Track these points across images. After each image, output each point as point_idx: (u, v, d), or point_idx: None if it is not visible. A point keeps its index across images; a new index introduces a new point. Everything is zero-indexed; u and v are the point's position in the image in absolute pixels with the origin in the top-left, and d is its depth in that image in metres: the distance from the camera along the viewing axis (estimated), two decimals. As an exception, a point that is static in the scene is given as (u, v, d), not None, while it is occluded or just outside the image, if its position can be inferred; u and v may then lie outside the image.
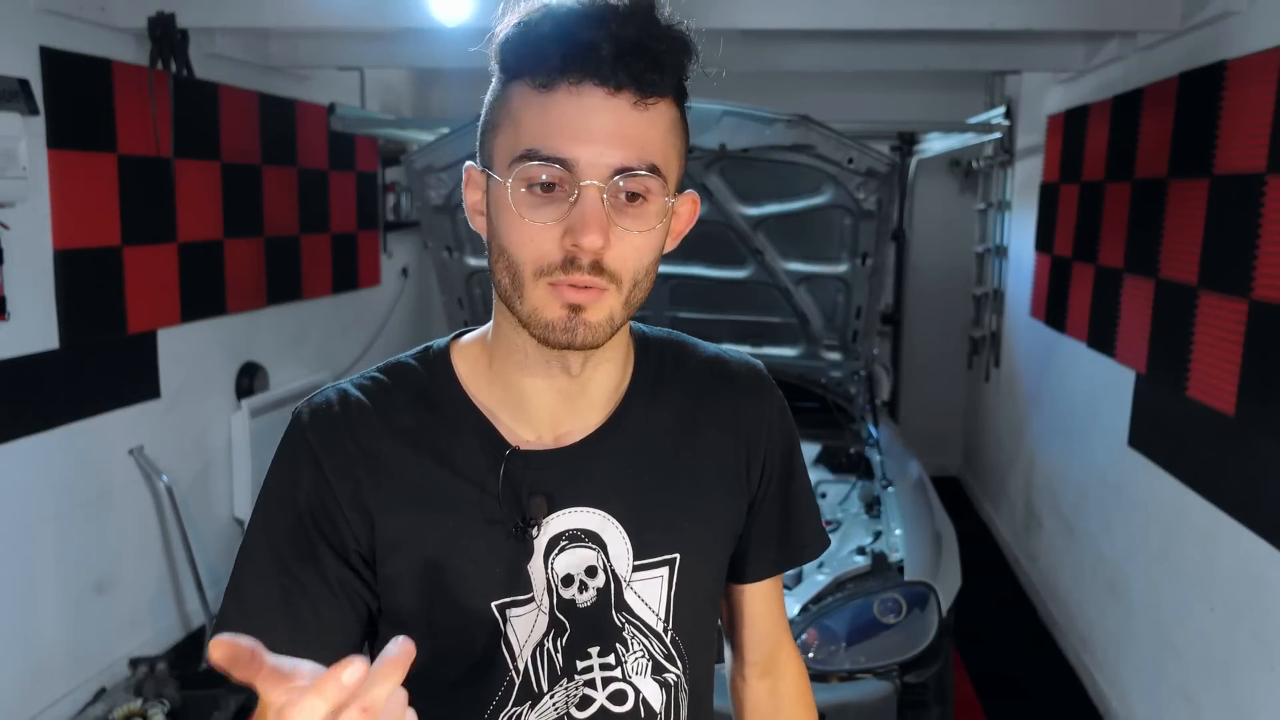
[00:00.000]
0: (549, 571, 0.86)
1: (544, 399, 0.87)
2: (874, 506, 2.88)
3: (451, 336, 0.93)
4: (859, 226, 2.81)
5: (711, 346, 0.99)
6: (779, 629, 1.04)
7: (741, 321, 3.35)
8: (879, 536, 2.67)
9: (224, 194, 3.68)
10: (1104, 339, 3.29)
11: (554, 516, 0.86)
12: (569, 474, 0.87)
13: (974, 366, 5.56)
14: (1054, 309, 3.91)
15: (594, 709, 0.88)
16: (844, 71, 4.28)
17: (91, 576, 3.12)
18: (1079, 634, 3.53)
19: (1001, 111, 4.64)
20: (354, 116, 4.39)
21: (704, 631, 0.95)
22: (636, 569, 0.88)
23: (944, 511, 2.93)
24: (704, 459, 0.92)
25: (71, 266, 2.92)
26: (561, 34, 0.74)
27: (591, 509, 0.87)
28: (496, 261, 0.81)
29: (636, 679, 0.89)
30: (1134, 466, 3.01)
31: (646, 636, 0.89)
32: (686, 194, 0.85)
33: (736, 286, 3.17)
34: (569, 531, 0.86)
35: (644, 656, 0.89)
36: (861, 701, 2.31)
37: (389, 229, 5.07)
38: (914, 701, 2.36)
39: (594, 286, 0.77)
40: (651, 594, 0.89)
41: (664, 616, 0.90)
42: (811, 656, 2.35)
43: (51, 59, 2.81)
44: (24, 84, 2.69)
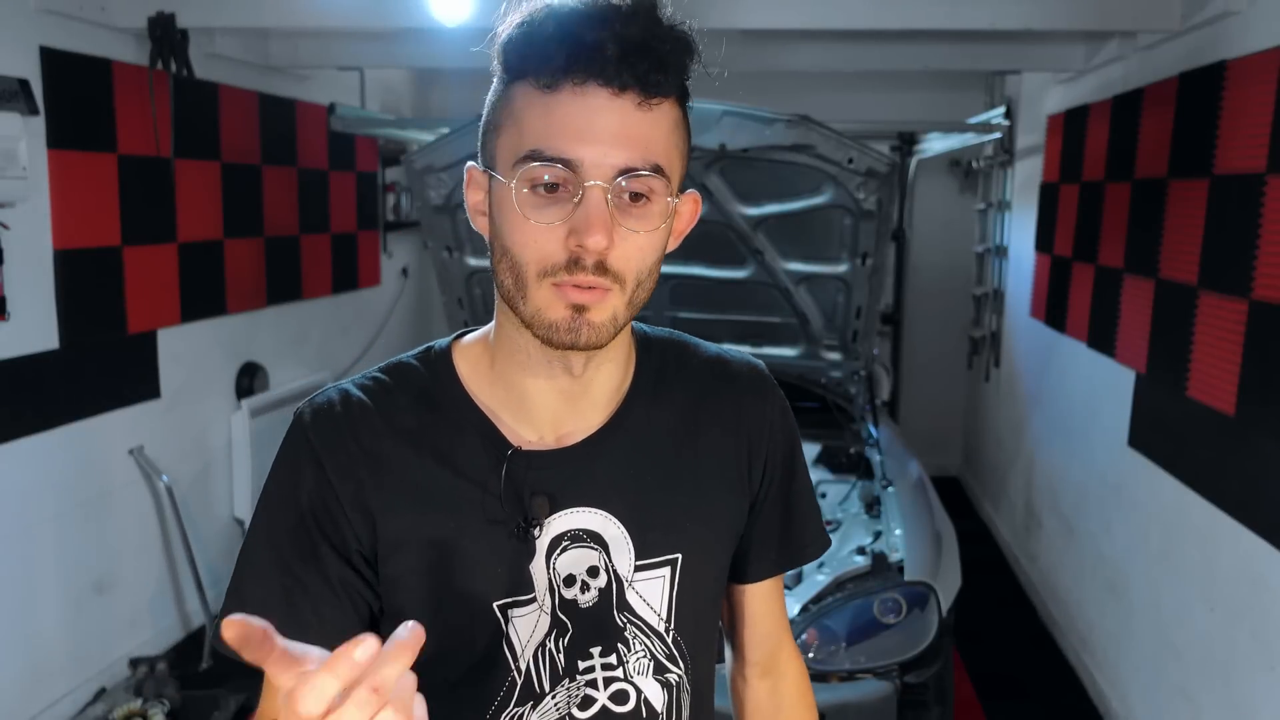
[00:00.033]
0: (551, 572, 0.86)
1: (546, 399, 0.87)
2: (874, 506, 2.88)
3: (453, 337, 0.93)
4: (859, 226, 2.81)
5: (713, 346, 0.99)
6: (780, 629, 1.04)
7: (741, 321, 3.35)
8: (879, 536, 2.67)
9: (224, 194, 3.68)
10: (1104, 339, 3.30)
11: (556, 517, 0.86)
12: (571, 474, 0.87)
13: (974, 366, 5.56)
14: (1054, 309, 3.91)
15: (596, 709, 0.88)
16: (844, 71, 4.28)
17: (91, 576, 3.12)
18: (1079, 634, 3.53)
19: (1001, 111, 4.64)
20: (354, 116, 4.39)
21: (706, 631, 0.95)
22: (638, 569, 0.88)
23: (944, 511, 2.93)
24: (706, 459, 0.92)
25: (71, 266, 2.92)
26: (565, 34, 0.74)
27: (593, 509, 0.87)
28: (499, 262, 0.80)
29: (638, 679, 0.89)
30: (1134, 466, 3.01)
31: (648, 636, 0.89)
32: (688, 194, 0.85)
33: (736, 286, 3.17)
34: (571, 531, 0.86)
35: (646, 656, 0.89)
36: (861, 701, 2.32)
37: (389, 229, 5.07)
38: (914, 701, 2.36)
39: (598, 287, 0.77)
40: (653, 594, 0.89)
41: (666, 616, 0.90)
42: (811, 656, 2.35)
43: (51, 59, 2.81)
44: (24, 84, 2.69)
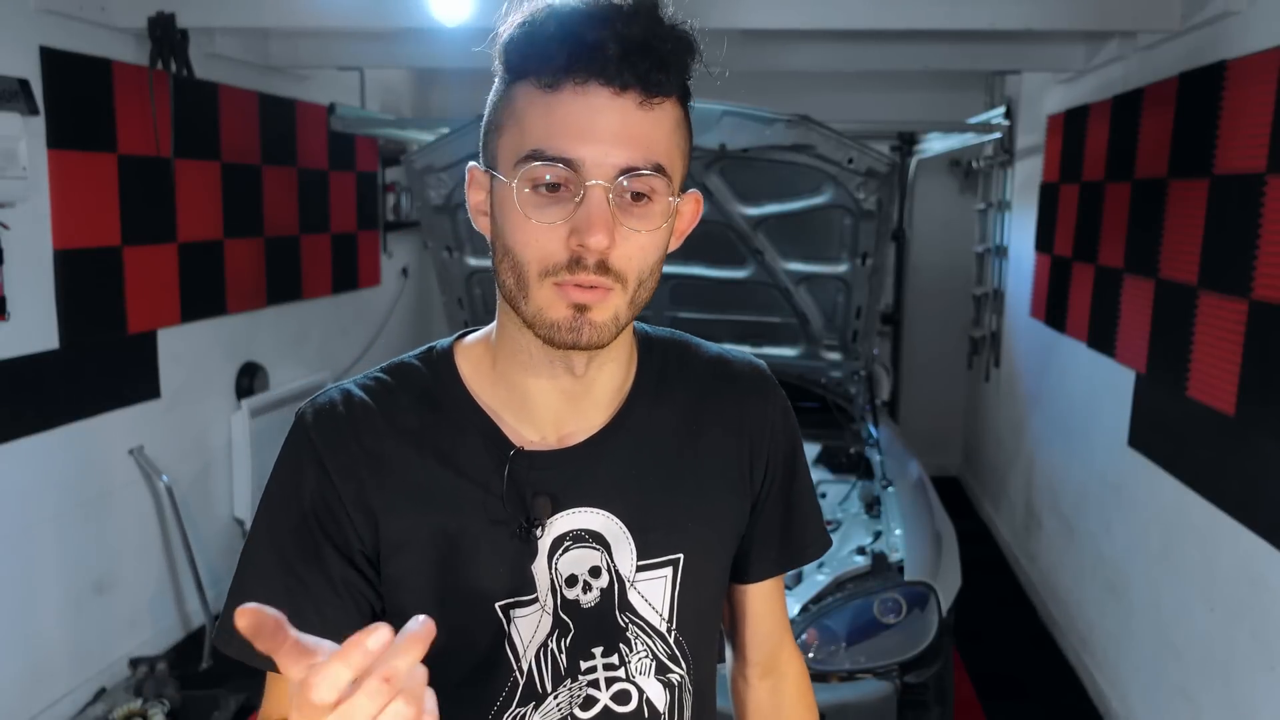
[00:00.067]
0: (553, 572, 0.86)
1: (548, 399, 0.87)
2: (874, 506, 2.88)
3: (455, 337, 0.93)
4: (859, 226, 2.81)
5: (715, 346, 0.99)
6: (780, 629, 1.04)
7: (741, 321, 3.35)
8: (879, 536, 2.67)
9: (224, 194, 3.68)
10: (1104, 339, 3.30)
11: (558, 517, 0.86)
12: (573, 474, 0.87)
13: (974, 366, 5.56)
14: (1054, 309, 3.91)
15: (598, 709, 0.87)
16: (844, 71, 4.28)
17: (91, 576, 3.12)
18: (1079, 634, 3.53)
19: (1001, 111, 4.64)
20: (354, 116, 4.39)
21: (708, 632, 0.95)
22: (640, 569, 0.88)
23: (944, 511, 2.93)
24: (707, 459, 0.92)
25: (71, 266, 2.92)
26: (566, 34, 0.74)
27: (595, 509, 0.87)
28: (501, 262, 0.80)
29: (640, 679, 0.89)
30: (1134, 466, 3.01)
31: (650, 637, 0.89)
32: (690, 193, 0.85)
33: (736, 286, 3.17)
34: (573, 532, 0.86)
35: (648, 657, 0.89)
36: (861, 701, 2.31)
37: (389, 229, 5.06)
38: (914, 701, 2.36)
39: (600, 286, 0.77)
40: (655, 594, 0.89)
41: (668, 617, 0.89)
42: (811, 656, 2.34)
43: (51, 59, 2.81)
44: (24, 84, 2.69)
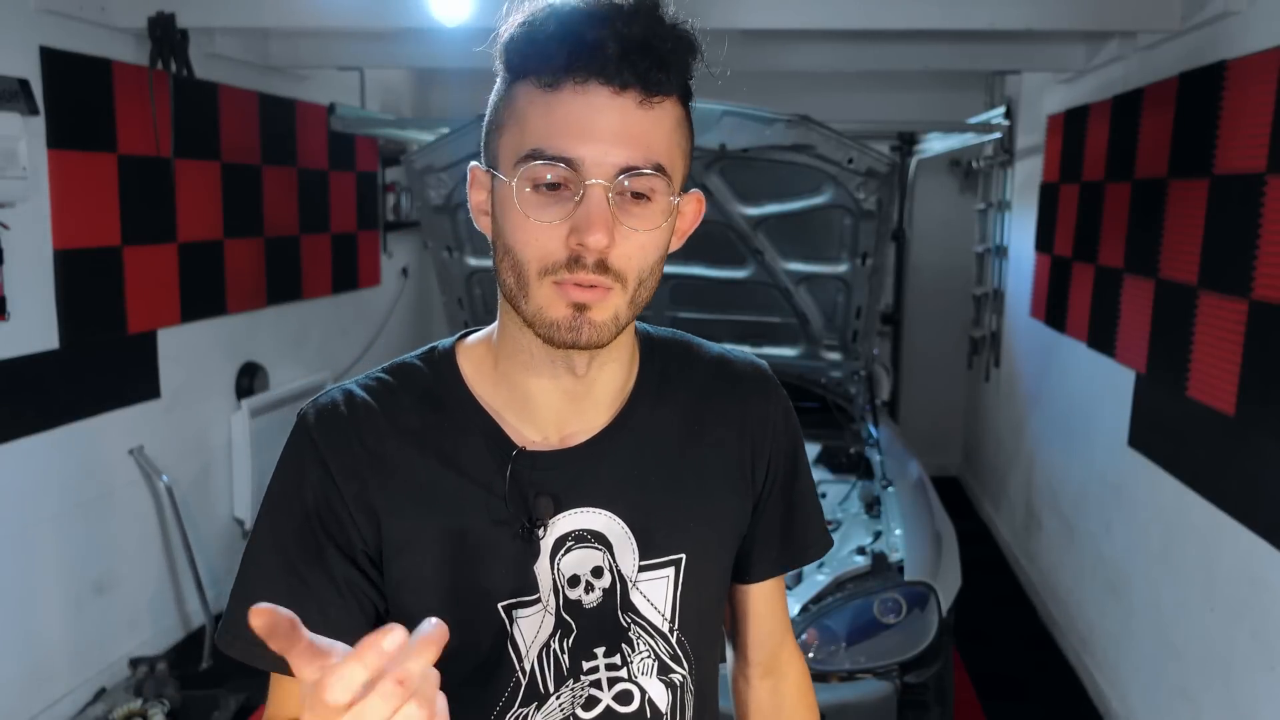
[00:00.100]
0: (555, 572, 0.86)
1: (549, 399, 0.86)
2: (874, 506, 2.88)
3: (457, 337, 0.93)
4: (859, 226, 2.81)
5: (716, 346, 0.99)
6: (782, 629, 1.04)
7: (741, 321, 3.35)
8: (879, 536, 2.67)
9: (224, 194, 3.68)
10: (1104, 339, 3.30)
11: (560, 517, 0.86)
12: (575, 475, 0.86)
13: (974, 366, 5.56)
14: (1054, 309, 3.91)
15: (600, 709, 0.87)
16: (844, 71, 4.28)
17: (91, 576, 3.12)
18: (1079, 634, 3.53)
19: (1001, 111, 4.64)
20: (354, 116, 4.39)
21: (710, 632, 0.95)
22: (642, 569, 0.88)
23: (944, 511, 2.93)
24: (709, 459, 0.92)
25: (71, 266, 2.92)
26: (566, 33, 0.74)
27: (598, 509, 0.87)
28: (501, 261, 0.80)
29: (642, 679, 0.89)
30: (1134, 466, 3.01)
31: (652, 637, 0.89)
32: (691, 193, 0.85)
33: (736, 286, 3.17)
34: (575, 532, 0.86)
35: (650, 657, 0.89)
36: (861, 701, 2.31)
37: (389, 229, 5.06)
38: (914, 701, 2.36)
39: (599, 285, 0.76)
40: (657, 594, 0.89)
41: (670, 617, 0.89)
42: (811, 656, 2.34)
43: (51, 59, 2.81)
44: (24, 84, 2.69)
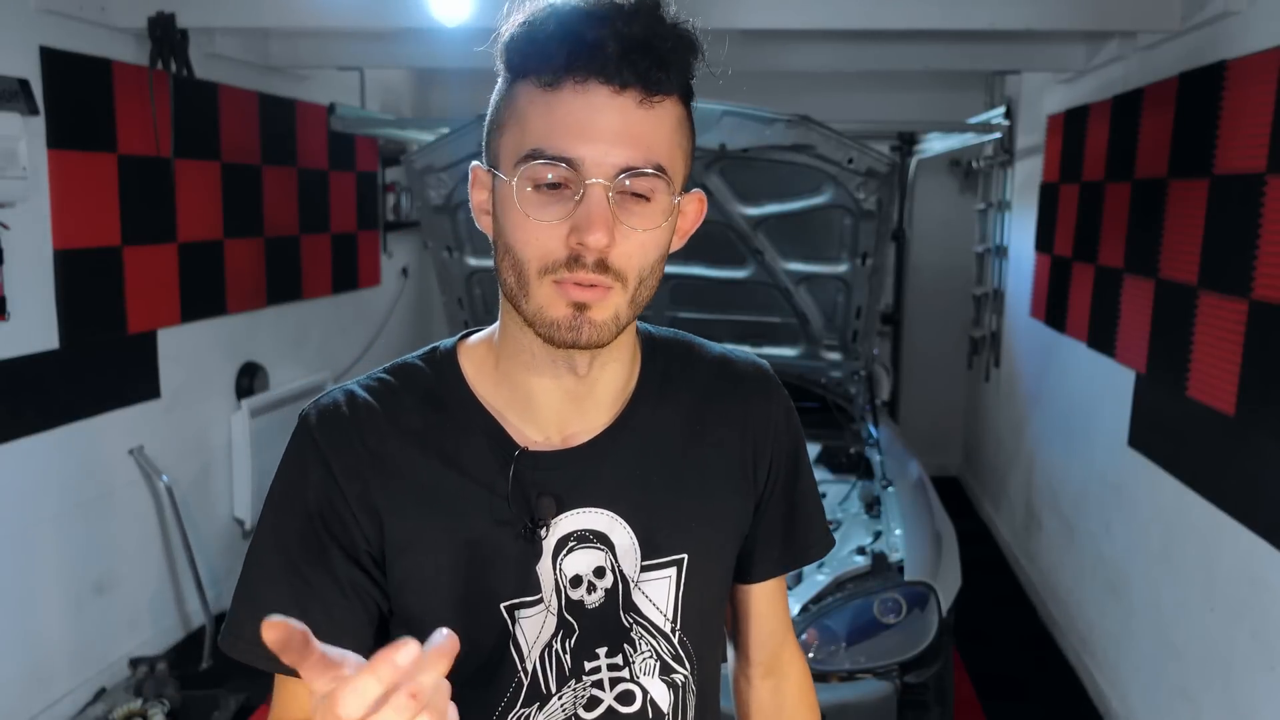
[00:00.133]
0: (557, 572, 0.86)
1: (551, 399, 0.86)
2: (874, 506, 2.88)
3: (458, 337, 0.93)
4: (859, 226, 2.81)
5: (718, 346, 0.99)
6: (783, 629, 1.04)
7: (741, 321, 3.35)
8: (879, 536, 2.67)
9: (224, 194, 3.68)
10: (1104, 339, 3.30)
11: (562, 517, 0.86)
12: (577, 475, 0.86)
13: (974, 366, 5.56)
14: (1054, 309, 3.91)
15: (602, 709, 0.87)
16: (844, 71, 4.28)
17: (91, 576, 3.12)
18: (1079, 634, 3.53)
19: (1001, 111, 4.64)
20: (354, 116, 4.39)
21: (712, 632, 0.95)
22: (644, 569, 0.88)
23: (944, 511, 2.93)
24: (711, 459, 0.92)
25: (71, 266, 2.92)
26: (566, 32, 0.74)
27: (600, 509, 0.87)
28: (502, 260, 0.80)
29: (644, 679, 0.89)
30: (1134, 466, 3.01)
31: (654, 637, 0.89)
32: (693, 193, 0.85)
33: (736, 286, 3.17)
34: (577, 532, 0.86)
35: (652, 657, 0.89)
36: (861, 701, 2.32)
37: (389, 229, 5.06)
38: (914, 701, 2.36)
39: (599, 285, 0.76)
40: (659, 594, 0.89)
41: (672, 617, 0.89)
42: (811, 656, 2.34)
43: (51, 59, 2.80)
44: (24, 84, 2.69)
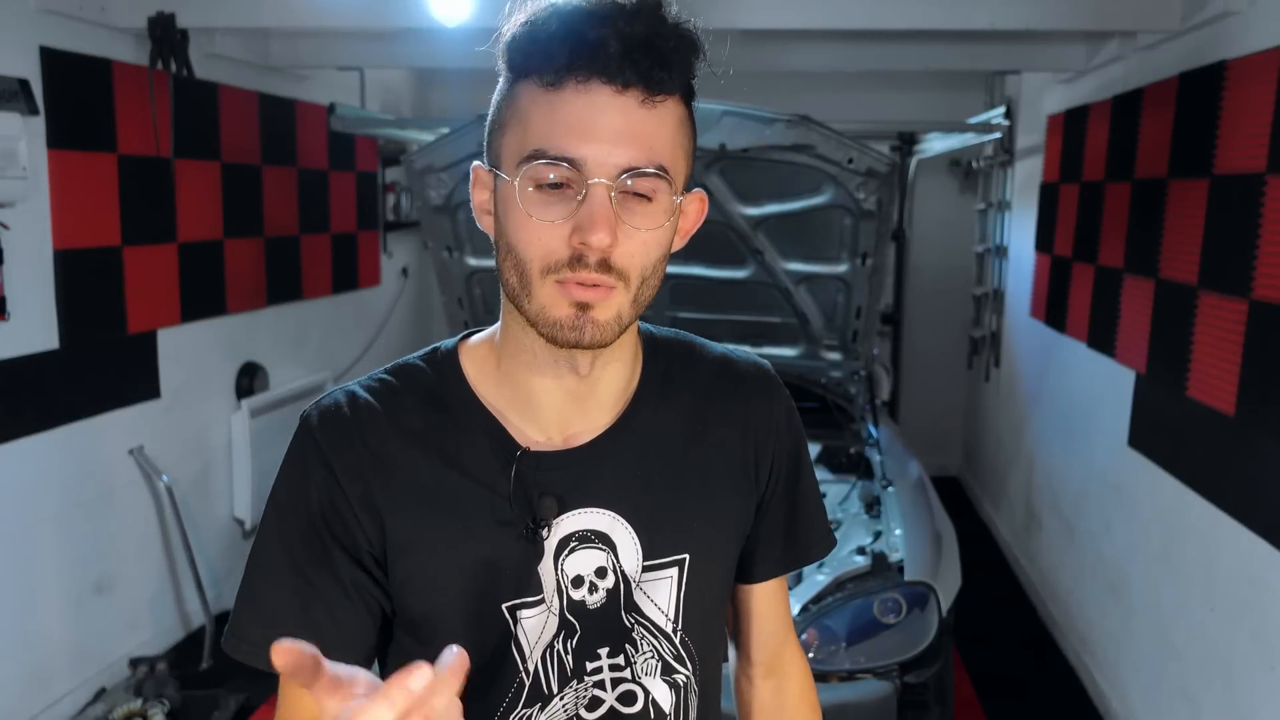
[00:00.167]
0: (559, 573, 0.86)
1: (553, 399, 0.86)
2: (874, 506, 2.88)
3: (459, 337, 0.93)
4: (859, 226, 2.81)
5: (719, 346, 0.99)
6: (784, 629, 1.04)
7: (741, 321, 3.35)
8: (879, 536, 2.67)
9: (224, 194, 3.67)
10: (1104, 339, 3.30)
11: (564, 517, 0.86)
12: (579, 475, 0.86)
13: (974, 366, 5.56)
14: (1054, 309, 3.91)
15: (603, 710, 0.87)
16: (844, 71, 4.28)
17: (91, 576, 3.12)
18: (1079, 634, 3.53)
19: (1001, 111, 4.64)
20: (354, 116, 4.39)
21: (713, 632, 0.95)
22: (646, 569, 0.88)
23: (944, 511, 2.93)
24: (713, 459, 0.92)
25: (71, 266, 2.92)
26: (568, 32, 0.74)
27: (601, 510, 0.87)
28: (504, 260, 0.80)
29: (646, 680, 0.89)
30: (1134, 466, 3.01)
31: (656, 637, 0.89)
32: (694, 192, 0.85)
33: (736, 286, 3.17)
34: (579, 532, 0.86)
35: (653, 657, 0.89)
36: (861, 701, 2.31)
37: (389, 229, 5.06)
38: (914, 701, 2.36)
39: (602, 285, 0.76)
40: (661, 595, 0.89)
41: (673, 617, 0.89)
42: (812, 656, 2.34)
43: (51, 59, 2.80)
44: (24, 84, 2.69)
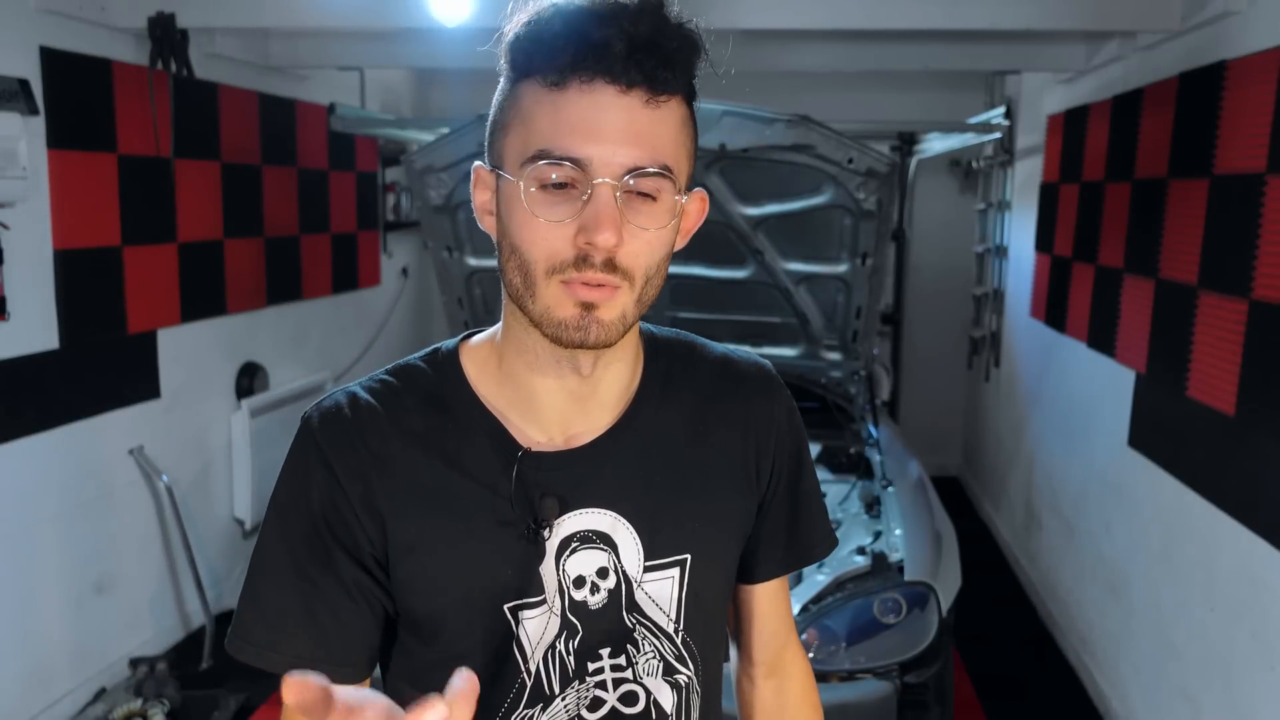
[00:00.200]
0: (560, 573, 0.85)
1: (554, 399, 0.86)
2: (874, 506, 2.88)
3: (460, 338, 0.92)
4: (859, 226, 2.81)
5: (720, 346, 0.99)
6: (786, 629, 1.04)
7: (742, 321, 3.35)
8: (879, 536, 2.67)
9: (224, 194, 3.67)
10: (1104, 339, 3.30)
11: (566, 518, 0.85)
12: (580, 475, 0.86)
13: (974, 366, 5.56)
14: (1054, 309, 3.91)
15: (605, 710, 0.87)
16: (844, 71, 4.28)
17: (91, 576, 3.12)
18: (1079, 634, 3.53)
19: (1001, 111, 4.65)
20: (354, 116, 4.39)
21: (715, 632, 0.95)
22: (648, 570, 0.88)
23: (944, 511, 2.93)
24: (714, 459, 0.92)
25: (71, 266, 2.92)
26: (572, 31, 0.74)
27: (603, 510, 0.86)
28: (508, 261, 0.80)
29: (648, 680, 0.89)
30: (1134, 466, 3.01)
31: (658, 637, 0.89)
32: (695, 192, 0.85)
33: (736, 286, 3.17)
34: (580, 533, 0.86)
35: (655, 658, 0.89)
36: (861, 701, 2.31)
37: (389, 229, 5.06)
38: (914, 701, 2.36)
39: (607, 284, 0.76)
40: (663, 595, 0.89)
41: (675, 617, 0.89)
42: (812, 656, 2.34)
43: (51, 59, 2.80)
44: (24, 84, 2.68)
